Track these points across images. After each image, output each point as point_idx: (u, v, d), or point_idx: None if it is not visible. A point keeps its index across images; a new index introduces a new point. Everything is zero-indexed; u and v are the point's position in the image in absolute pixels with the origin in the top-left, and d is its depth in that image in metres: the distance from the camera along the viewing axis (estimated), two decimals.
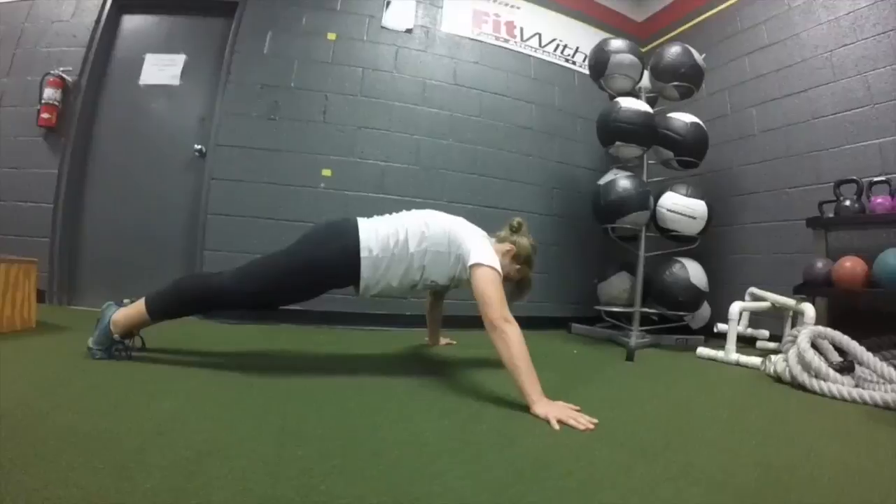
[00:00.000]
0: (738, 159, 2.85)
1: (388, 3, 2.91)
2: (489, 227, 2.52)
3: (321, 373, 1.50)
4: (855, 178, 2.11)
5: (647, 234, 2.63)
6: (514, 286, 1.66)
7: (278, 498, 0.65)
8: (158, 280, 1.64)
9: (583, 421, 1.07)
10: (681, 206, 2.52)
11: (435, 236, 1.48)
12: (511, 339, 1.21)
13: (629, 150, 2.58)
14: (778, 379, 1.72)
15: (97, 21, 2.82)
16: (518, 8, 3.27)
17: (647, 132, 2.52)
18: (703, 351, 2.22)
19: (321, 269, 1.45)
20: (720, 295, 2.64)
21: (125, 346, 1.45)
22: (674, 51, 2.59)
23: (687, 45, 2.62)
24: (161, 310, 1.47)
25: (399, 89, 2.82)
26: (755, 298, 2.42)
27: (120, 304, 1.49)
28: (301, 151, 2.64)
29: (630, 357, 2.06)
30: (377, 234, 1.47)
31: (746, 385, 1.69)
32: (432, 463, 0.83)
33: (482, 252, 1.40)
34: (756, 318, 2.56)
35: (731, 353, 2.10)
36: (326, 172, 2.64)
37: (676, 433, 1.08)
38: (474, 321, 2.67)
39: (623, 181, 2.53)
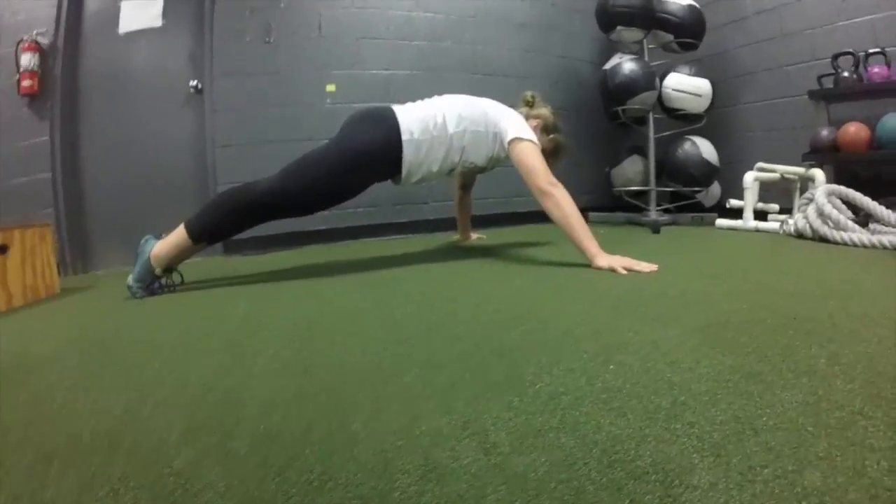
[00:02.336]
0: (735, 41, 3.02)
1: None
2: None
3: (379, 267, 1.62)
4: (851, 50, 2.28)
5: (655, 116, 2.78)
6: (552, 155, 1.74)
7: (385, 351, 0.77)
8: (175, 226, 1.55)
9: (645, 266, 1.20)
10: (686, 85, 2.70)
11: (472, 116, 1.57)
12: (562, 201, 1.34)
13: (630, 34, 2.73)
14: (799, 236, 1.90)
15: None
16: None
17: (646, 15, 2.68)
18: (721, 222, 2.41)
19: (365, 155, 1.51)
20: (729, 173, 2.83)
21: (162, 282, 1.49)
22: None
23: None
24: (202, 229, 1.48)
25: None
26: (763, 171, 2.53)
27: (158, 237, 1.50)
28: (302, 70, 2.70)
29: (656, 230, 2.25)
30: (416, 116, 1.54)
31: (771, 244, 1.85)
32: (526, 305, 0.96)
33: (520, 127, 1.51)
34: (764, 194, 2.68)
35: (749, 220, 2.28)
36: (330, 88, 2.71)
37: (727, 276, 1.22)
38: (500, 218, 2.81)
39: (629, 63, 2.68)
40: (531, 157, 1.44)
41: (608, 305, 0.94)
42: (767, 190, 2.59)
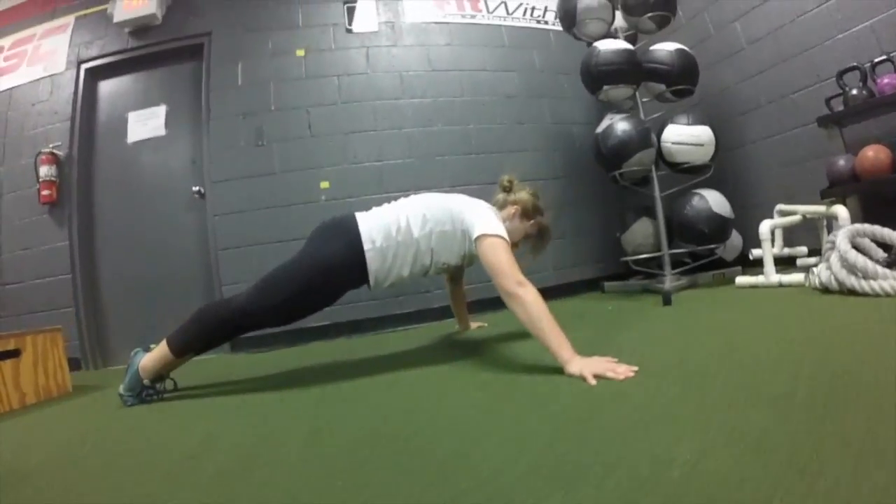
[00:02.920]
0: (733, 77, 2.92)
1: (350, 9, 3.10)
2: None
3: (354, 375, 1.58)
4: (856, 64, 2.15)
5: (658, 173, 2.69)
6: (537, 239, 1.75)
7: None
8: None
9: (621, 370, 1.06)
10: (685, 136, 2.59)
11: (437, 216, 1.53)
12: (528, 302, 1.23)
13: (618, 92, 2.66)
14: (825, 290, 1.71)
15: (75, 93, 3.09)
16: None
17: (632, 70, 2.60)
18: (742, 280, 2.25)
19: (329, 269, 1.51)
20: (747, 219, 2.68)
21: (155, 389, 1.56)
22: None
23: None
24: (184, 345, 1.54)
25: (378, 87, 3.00)
26: (784, 214, 2.44)
27: (147, 350, 1.59)
28: (295, 169, 2.83)
29: (667, 301, 2.08)
30: (378, 224, 1.53)
31: (793, 302, 1.69)
32: (468, 435, 0.85)
33: (484, 222, 1.44)
34: (791, 236, 2.60)
35: (771, 275, 2.10)
36: (324, 184, 2.82)
37: (726, 358, 1.09)
38: (483, 304, 2.78)
39: (620, 124, 2.59)
40: (497, 254, 1.36)
41: (552, 429, 0.83)
42: (794, 231, 2.49)
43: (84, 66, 3.12)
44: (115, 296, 3.01)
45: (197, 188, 2.90)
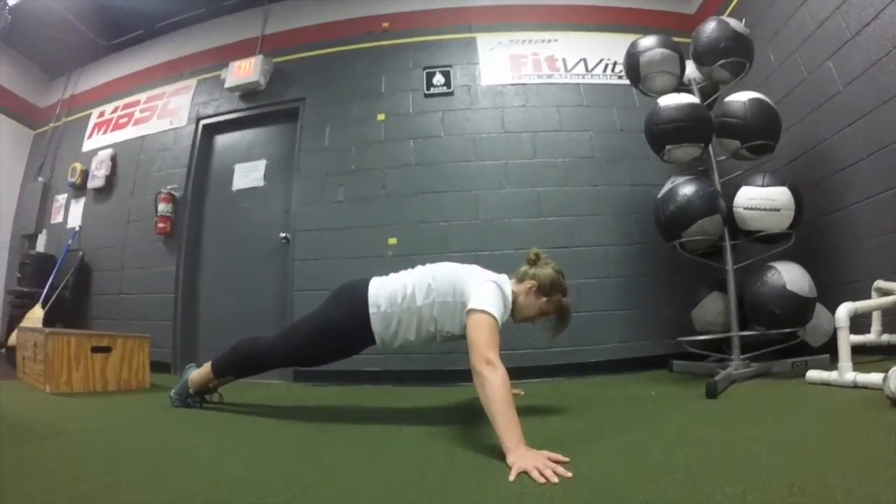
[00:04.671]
0: (830, 127, 2.62)
1: (429, 75, 3.41)
2: (565, 268, 2.77)
3: (343, 422, 1.80)
4: None
5: (733, 242, 2.51)
6: (556, 319, 1.78)
7: None
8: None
9: (547, 473, 0.99)
10: (758, 201, 2.36)
11: (440, 287, 1.64)
12: (489, 383, 1.25)
13: (683, 152, 2.51)
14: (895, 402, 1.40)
15: (193, 145, 3.73)
16: (556, 41, 3.58)
17: (699, 126, 2.45)
18: (812, 375, 1.98)
19: (337, 327, 1.72)
20: (843, 298, 2.25)
21: (196, 399, 1.97)
22: (708, 28, 2.57)
23: (721, 17, 2.61)
24: (222, 368, 1.91)
25: (450, 150, 3.26)
26: (883, 293, 2.14)
27: (198, 366, 2.02)
28: (367, 226, 3.18)
29: (711, 393, 1.89)
30: (385, 290, 1.69)
31: (854, 414, 1.45)
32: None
33: (478, 297, 1.50)
34: (890, 320, 2.27)
35: (845, 371, 1.81)
36: (392, 241, 3.13)
37: (688, 487, 0.92)
38: (539, 370, 2.82)
39: (683, 188, 2.46)
40: (476, 330, 1.40)
41: None
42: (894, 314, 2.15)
43: (202, 122, 3.77)
44: (207, 317, 3.61)
45: (284, 235, 3.36)
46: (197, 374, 1.97)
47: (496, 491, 0.97)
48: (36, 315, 3.68)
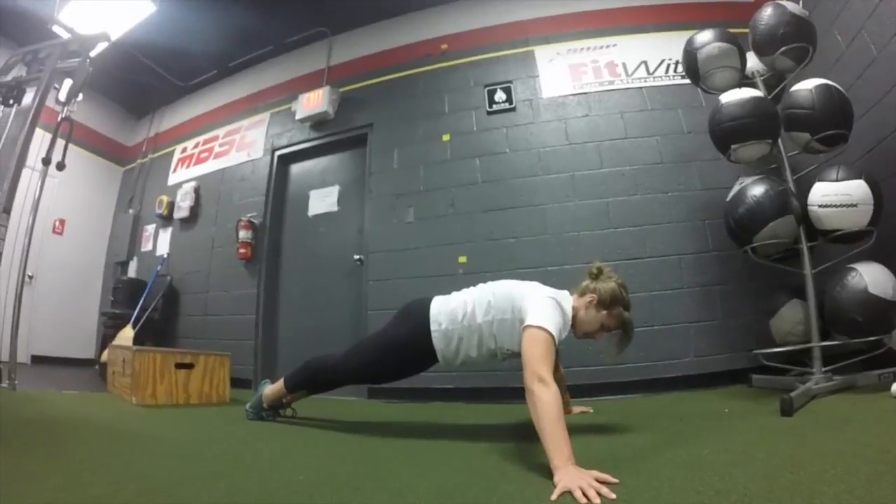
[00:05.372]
0: None
1: (490, 92, 3.52)
2: (637, 279, 2.76)
3: (406, 436, 1.86)
4: None
5: (811, 244, 2.36)
6: (621, 334, 1.76)
7: None
8: None
9: (591, 494, 0.99)
10: (833, 197, 2.19)
11: (500, 304, 1.68)
12: (540, 400, 1.25)
13: (750, 151, 2.40)
14: None
15: (269, 174, 4.04)
16: (614, 45, 3.59)
17: (764, 121, 2.33)
18: None
19: (400, 345, 1.81)
20: None
21: (270, 412, 2.15)
22: (765, 14, 2.46)
23: (778, 1, 2.49)
24: (293, 384, 2.05)
25: (516, 165, 3.36)
26: None
27: (272, 382, 2.19)
28: (437, 245, 3.32)
29: (785, 410, 1.78)
30: (446, 308, 1.75)
31: None
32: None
33: (535, 313, 1.51)
34: None
35: None
36: (462, 259, 3.25)
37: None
38: (612, 387, 2.76)
39: (751, 189, 2.34)
40: (530, 347, 1.41)
41: None
42: None
43: (277, 153, 4.07)
44: (286, 336, 3.88)
45: (358, 257, 3.56)
46: (271, 389, 2.13)
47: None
48: (127, 335, 4.06)
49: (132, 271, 5.06)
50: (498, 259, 3.21)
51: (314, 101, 3.85)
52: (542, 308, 1.54)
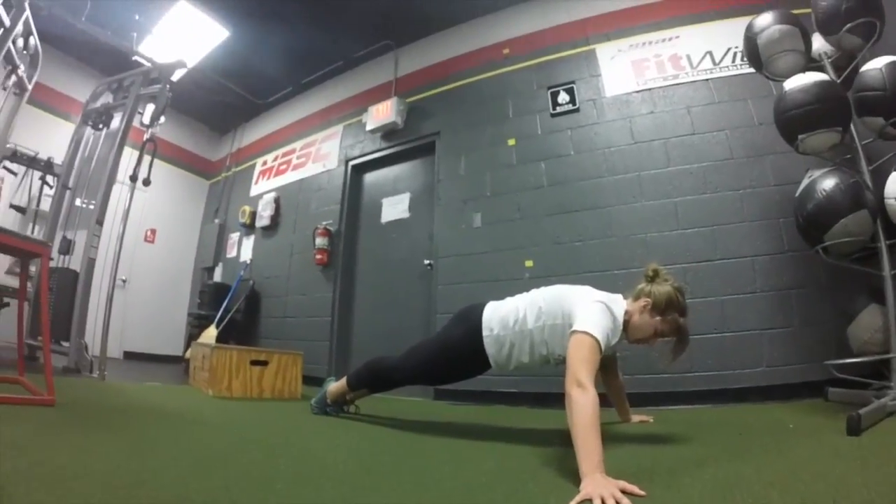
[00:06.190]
0: None
1: (553, 94, 3.64)
2: (707, 283, 2.77)
3: (456, 436, 1.92)
4: None
5: (889, 241, 2.19)
6: (676, 341, 1.72)
7: None
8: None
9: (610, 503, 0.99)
10: None
11: (550, 309, 1.70)
12: (576, 405, 1.25)
13: (819, 140, 2.25)
14: None
15: (344, 184, 4.38)
16: (677, 37, 3.55)
17: (832, 107, 2.20)
18: None
19: (454, 348, 1.88)
20: None
21: (333, 408, 2.32)
22: None
23: None
24: (355, 383, 2.19)
25: (581, 167, 3.46)
26: None
27: (336, 379, 2.37)
28: (504, 249, 3.50)
29: (852, 429, 1.65)
30: (499, 314, 1.80)
31: None
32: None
33: (583, 318, 1.51)
34: None
35: None
36: (529, 263, 3.40)
37: None
38: (678, 396, 2.81)
39: (820, 182, 2.21)
40: (575, 351, 1.40)
41: None
42: None
43: (350, 163, 4.40)
44: (359, 337, 4.21)
45: (428, 262, 3.80)
46: (335, 386, 2.30)
47: None
48: (210, 334, 4.52)
49: (217, 276, 5.62)
50: (564, 262, 3.32)
51: (383, 112, 4.13)
52: (590, 313, 1.54)
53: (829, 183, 2.20)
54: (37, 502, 0.86)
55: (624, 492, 1.03)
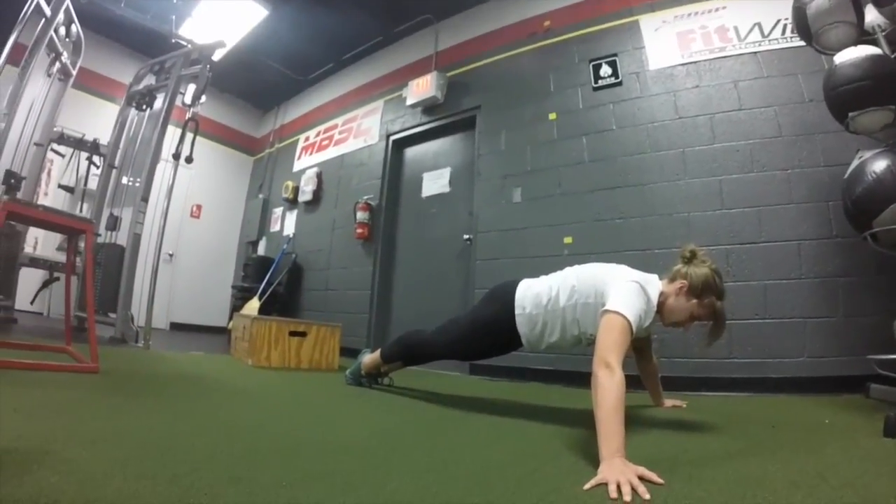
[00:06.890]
0: None
1: (596, 67, 3.63)
2: (750, 266, 2.80)
3: (485, 412, 1.96)
4: None
5: None
6: (712, 325, 1.70)
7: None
8: None
9: (626, 490, 0.97)
10: None
11: (583, 288, 1.69)
12: (602, 387, 1.24)
13: (871, 118, 2.17)
14: None
15: (385, 159, 4.52)
16: (724, 7, 3.43)
17: (885, 83, 2.11)
18: None
19: (485, 326, 1.91)
20: None
21: (367, 379, 2.42)
22: None
23: None
24: (388, 355, 2.27)
25: (623, 143, 3.47)
26: None
27: (371, 351, 2.44)
28: (543, 225, 3.57)
29: (891, 430, 1.59)
30: (532, 291, 1.81)
31: None
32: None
33: (616, 298, 1.49)
34: None
35: None
36: (568, 240, 3.47)
37: None
38: (715, 383, 2.82)
39: (870, 164, 2.11)
40: (605, 331, 1.39)
41: None
42: None
43: (391, 138, 4.53)
44: (398, 310, 4.41)
45: (467, 237, 3.92)
46: (369, 358, 2.38)
47: (567, 492, 1.00)
48: (253, 306, 4.74)
49: (261, 250, 5.91)
50: (604, 240, 3.35)
51: (423, 87, 4.22)
52: (623, 293, 1.52)
53: (879, 165, 2.11)
54: (73, 458, 0.93)
55: (641, 479, 1.02)
